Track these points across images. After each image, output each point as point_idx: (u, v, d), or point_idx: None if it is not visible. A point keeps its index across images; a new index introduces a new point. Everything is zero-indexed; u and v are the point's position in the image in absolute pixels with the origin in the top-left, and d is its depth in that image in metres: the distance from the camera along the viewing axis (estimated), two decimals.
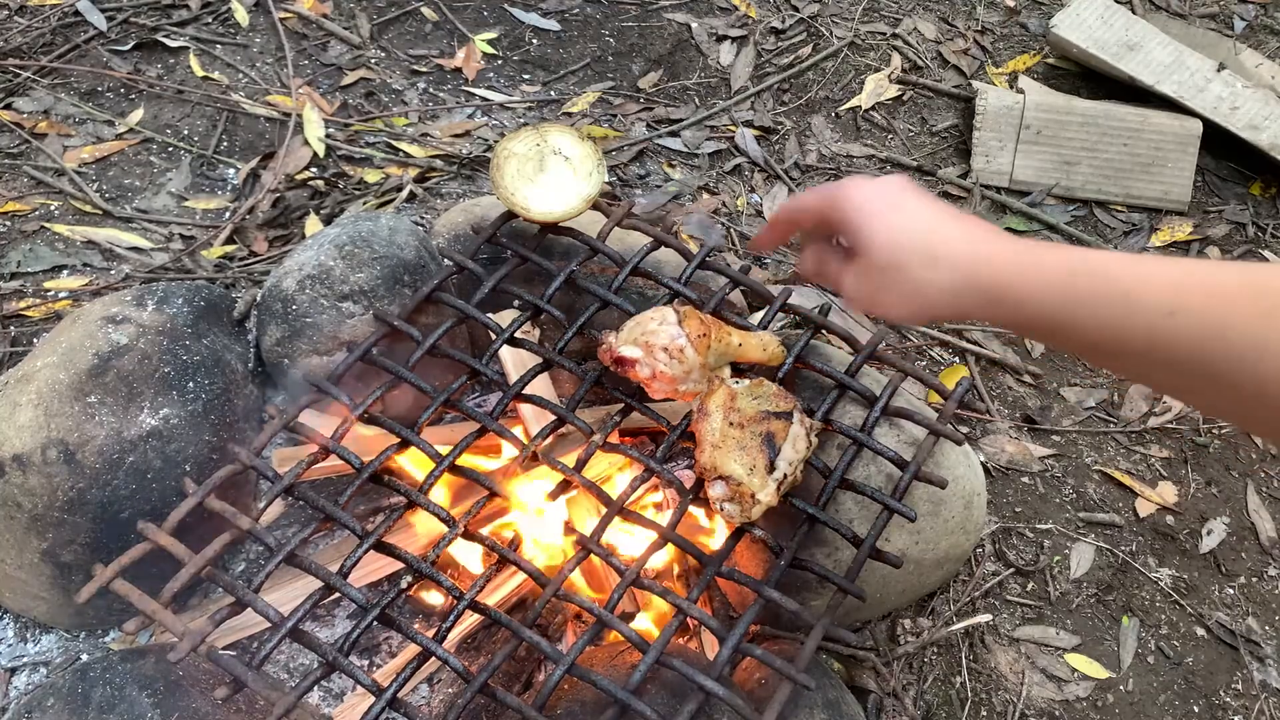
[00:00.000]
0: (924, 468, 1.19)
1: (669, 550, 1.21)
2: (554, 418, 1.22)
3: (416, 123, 2.07)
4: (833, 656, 1.38)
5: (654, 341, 1.13)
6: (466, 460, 1.18)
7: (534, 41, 2.31)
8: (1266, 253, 2.10)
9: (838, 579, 1.11)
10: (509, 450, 1.23)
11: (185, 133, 1.98)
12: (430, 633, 1.06)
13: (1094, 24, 2.27)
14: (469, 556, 1.33)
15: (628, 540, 1.35)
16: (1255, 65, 2.32)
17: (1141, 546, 1.63)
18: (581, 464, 1.17)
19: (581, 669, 1.02)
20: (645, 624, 1.33)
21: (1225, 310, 0.60)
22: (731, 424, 1.10)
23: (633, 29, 2.36)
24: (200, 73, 2.08)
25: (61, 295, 1.66)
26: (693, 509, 1.26)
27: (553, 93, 2.20)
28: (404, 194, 1.87)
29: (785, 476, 1.09)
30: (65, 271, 1.71)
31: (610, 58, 2.30)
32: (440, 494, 1.32)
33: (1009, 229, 2.06)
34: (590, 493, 1.16)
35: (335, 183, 1.91)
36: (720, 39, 2.37)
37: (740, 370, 1.22)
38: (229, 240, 1.78)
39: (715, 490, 1.08)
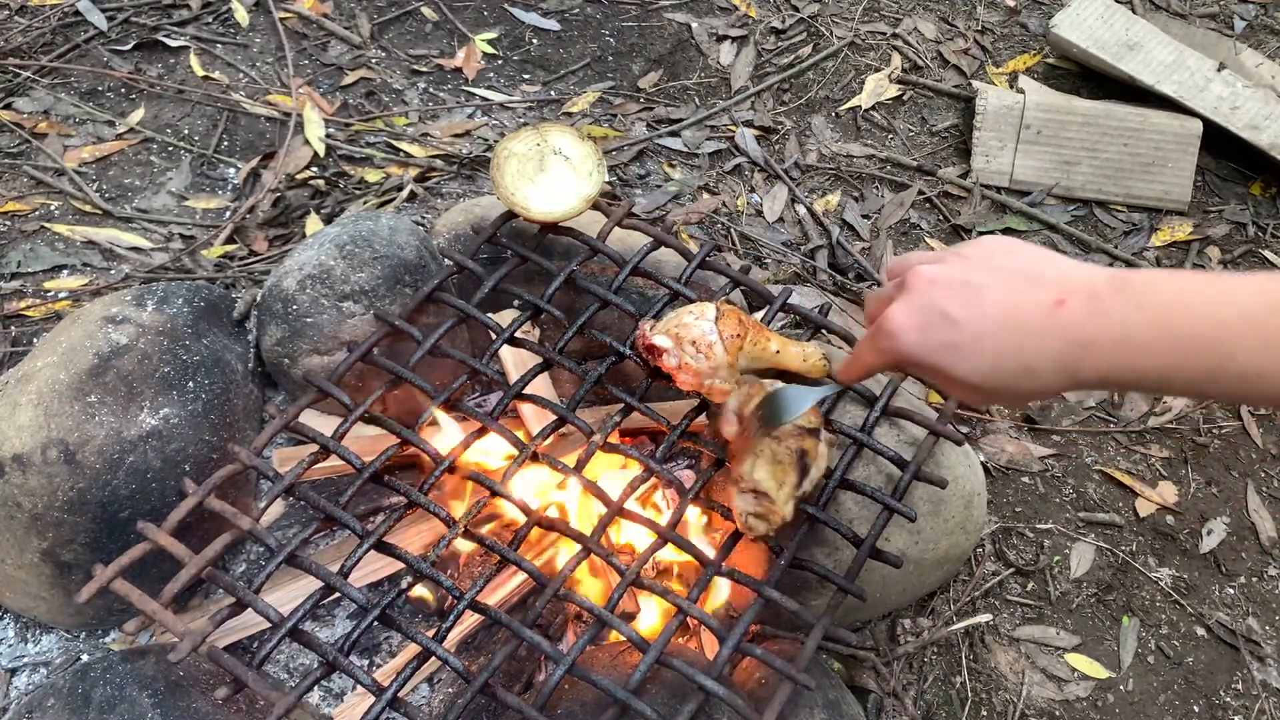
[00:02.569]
0: (924, 468, 1.19)
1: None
2: (554, 418, 1.22)
3: (417, 122, 2.07)
4: (833, 656, 1.38)
5: (685, 335, 1.14)
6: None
7: (534, 41, 2.31)
8: (1267, 252, 2.10)
9: (838, 579, 1.11)
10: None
11: (185, 132, 1.98)
12: (430, 633, 1.06)
13: (1094, 24, 2.27)
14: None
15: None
16: (1255, 65, 2.32)
17: (1141, 546, 1.63)
18: (581, 464, 1.17)
19: (581, 669, 1.02)
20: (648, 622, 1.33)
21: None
22: (771, 436, 1.10)
23: (633, 29, 2.36)
24: (200, 72, 2.08)
25: (61, 295, 1.66)
26: (692, 510, 1.26)
27: (553, 93, 2.20)
28: (404, 194, 1.87)
29: (807, 495, 1.10)
30: (65, 271, 1.71)
31: (610, 58, 2.30)
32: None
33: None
34: (590, 492, 1.16)
35: (336, 182, 1.91)
36: (720, 39, 2.37)
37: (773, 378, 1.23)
38: (229, 240, 1.78)
39: (743, 502, 1.08)
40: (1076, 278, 0.68)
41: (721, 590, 1.34)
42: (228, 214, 1.84)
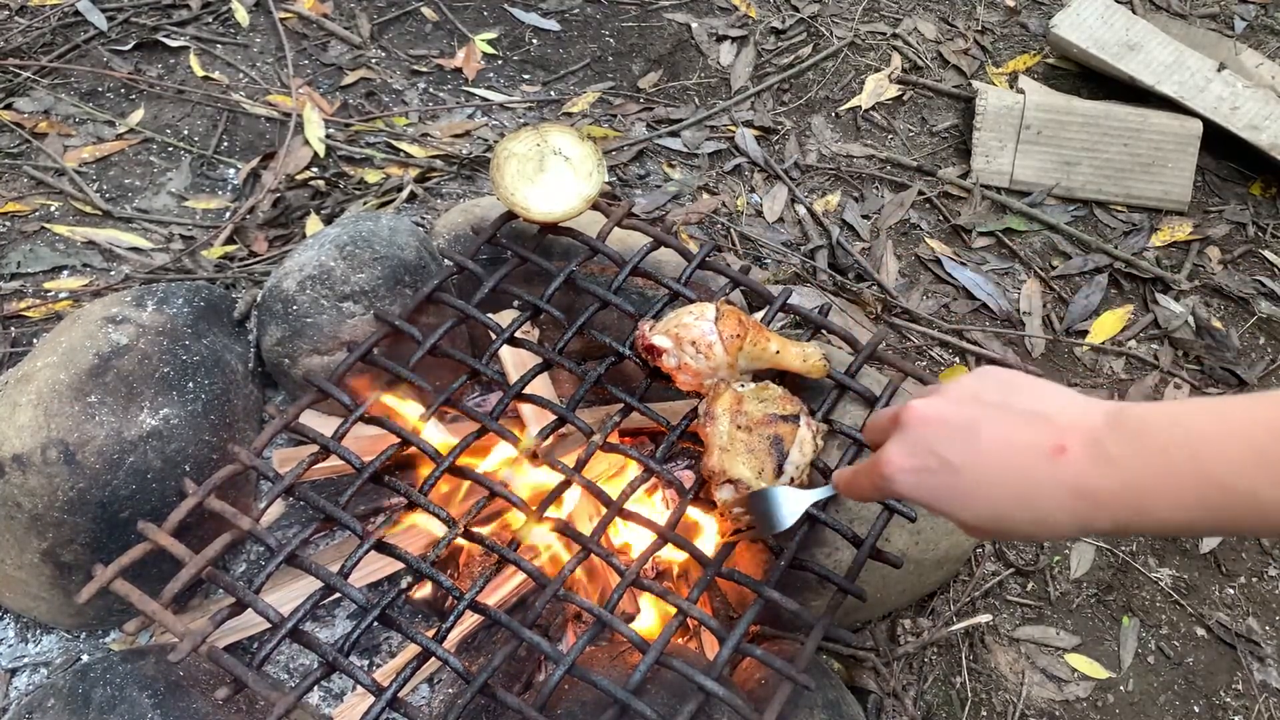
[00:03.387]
0: None
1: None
2: (554, 418, 1.22)
3: (417, 123, 2.07)
4: (833, 656, 1.38)
5: (685, 335, 1.14)
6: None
7: (534, 41, 2.31)
8: (1266, 253, 2.10)
9: (838, 579, 1.11)
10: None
11: (185, 133, 1.98)
12: (430, 633, 1.06)
13: (1094, 24, 2.27)
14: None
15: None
16: (1255, 65, 2.32)
17: (1141, 546, 1.63)
18: (581, 464, 1.18)
19: (581, 669, 1.02)
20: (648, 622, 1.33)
21: None
22: (739, 427, 1.10)
23: (633, 29, 2.36)
24: (200, 73, 2.08)
25: (61, 295, 1.66)
26: (692, 510, 1.26)
27: (553, 93, 2.20)
28: (404, 194, 1.87)
29: (793, 480, 1.09)
30: (65, 272, 1.71)
31: (610, 58, 2.30)
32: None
33: (1009, 229, 2.07)
34: (590, 493, 1.16)
35: (336, 183, 1.91)
36: (720, 39, 2.37)
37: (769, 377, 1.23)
38: (229, 240, 1.78)
39: (724, 494, 1.08)
40: (1072, 417, 0.65)
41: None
42: (228, 214, 1.84)
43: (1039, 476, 0.64)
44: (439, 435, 1.28)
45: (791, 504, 0.97)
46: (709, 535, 1.35)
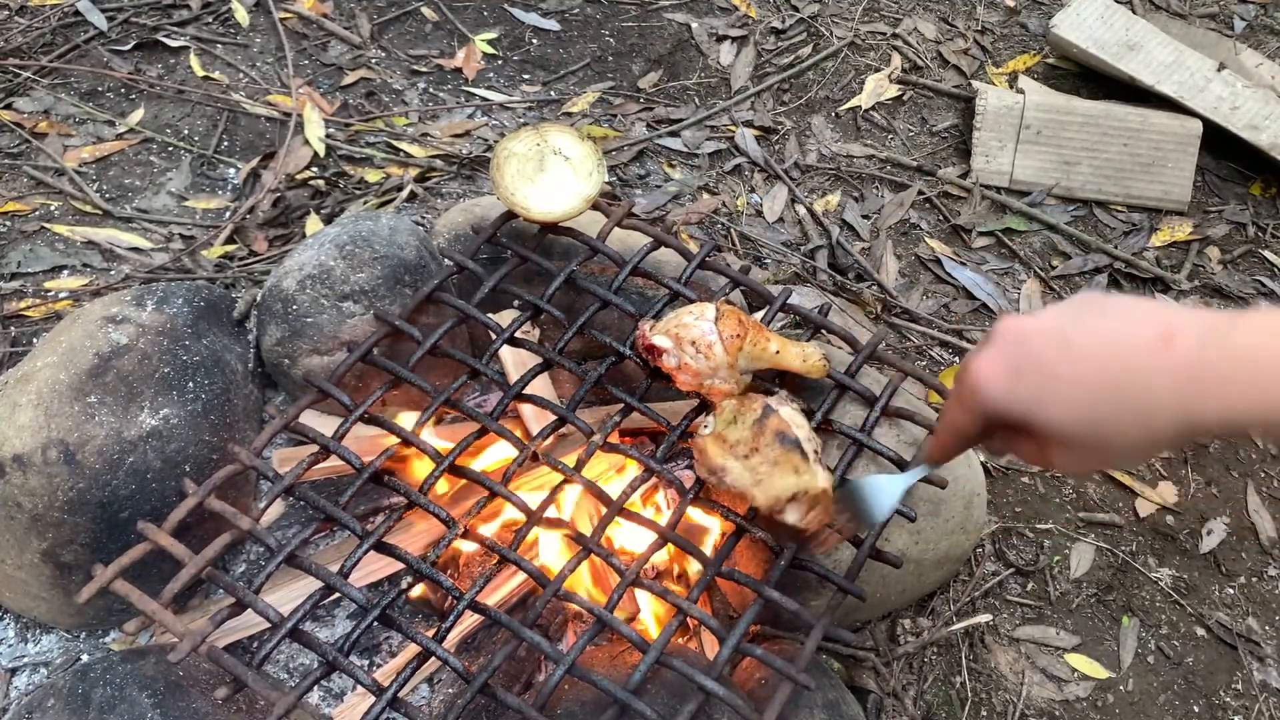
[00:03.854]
0: None
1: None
2: (554, 418, 1.22)
3: (417, 123, 2.07)
4: (833, 656, 1.38)
5: (685, 335, 1.14)
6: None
7: (534, 41, 2.31)
8: (1266, 253, 2.10)
9: (838, 579, 1.11)
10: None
11: (185, 133, 1.98)
12: (430, 633, 1.06)
13: (1094, 24, 2.27)
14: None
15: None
16: (1255, 65, 2.32)
17: (1141, 546, 1.63)
18: (581, 464, 1.17)
19: (581, 669, 1.02)
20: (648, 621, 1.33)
21: None
22: (746, 457, 1.10)
23: (633, 29, 2.36)
24: (200, 72, 2.08)
25: (61, 295, 1.66)
26: (692, 510, 1.26)
27: (553, 93, 2.20)
28: (404, 194, 1.87)
29: (817, 452, 1.10)
30: (65, 271, 1.71)
31: (610, 58, 2.30)
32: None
33: (1009, 229, 2.07)
34: (590, 493, 1.16)
35: (336, 182, 1.91)
36: (720, 39, 2.37)
37: (770, 378, 1.23)
38: (229, 240, 1.78)
39: (793, 515, 1.08)
40: (1185, 317, 0.62)
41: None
42: (228, 214, 1.84)
43: (1145, 365, 0.61)
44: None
45: (886, 492, 0.96)
46: (710, 535, 1.35)
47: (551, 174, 1.34)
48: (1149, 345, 0.61)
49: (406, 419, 1.23)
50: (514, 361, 1.46)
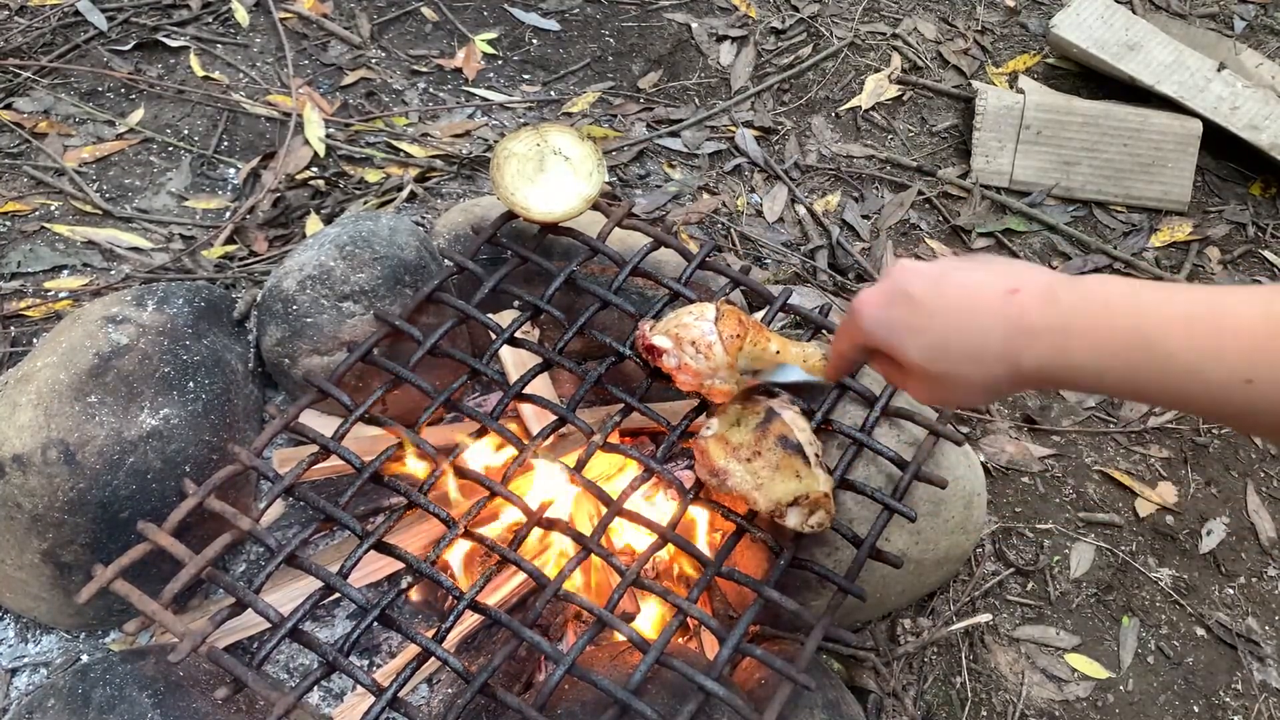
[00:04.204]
0: (924, 468, 1.19)
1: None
2: (554, 418, 1.22)
3: (417, 123, 2.07)
4: (833, 656, 1.38)
5: (684, 335, 1.14)
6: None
7: (534, 41, 2.31)
8: (1266, 253, 2.10)
9: (838, 579, 1.11)
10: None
11: (185, 133, 1.98)
12: (430, 633, 1.06)
13: (1094, 24, 2.27)
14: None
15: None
16: (1255, 65, 2.32)
17: (1141, 546, 1.63)
18: (582, 464, 1.18)
19: (581, 669, 1.02)
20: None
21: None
22: (749, 460, 1.10)
23: (633, 29, 2.36)
24: (200, 72, 2.08)
25: (61, 295, 1.66)
26: (692, 510, 1.26)
27: (553, 93, 2.20)
28: (404, 194, 1.87)
29: (818, 455, 1.10)
30: (65, 271, 1.71)
31: (610, 58, 2.30)
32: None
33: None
34: (590, 493, 1.16)
35: (336, 182, 1.91)
36: (720, 39, 2.37)
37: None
38: (229, 240, 1.78)
39: (794, 519, 1.08)
40: (1039, 275, 0.69)
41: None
42: (228, 214, 1.84)
43: (987, 309, 0.69)
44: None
45: (786, 373, 1.10)
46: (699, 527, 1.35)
47: (551, 174, 1.34)
48: (997, 297, 0.69)
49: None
50: (514, 361, 1.46)
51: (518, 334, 1.29)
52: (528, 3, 2.38)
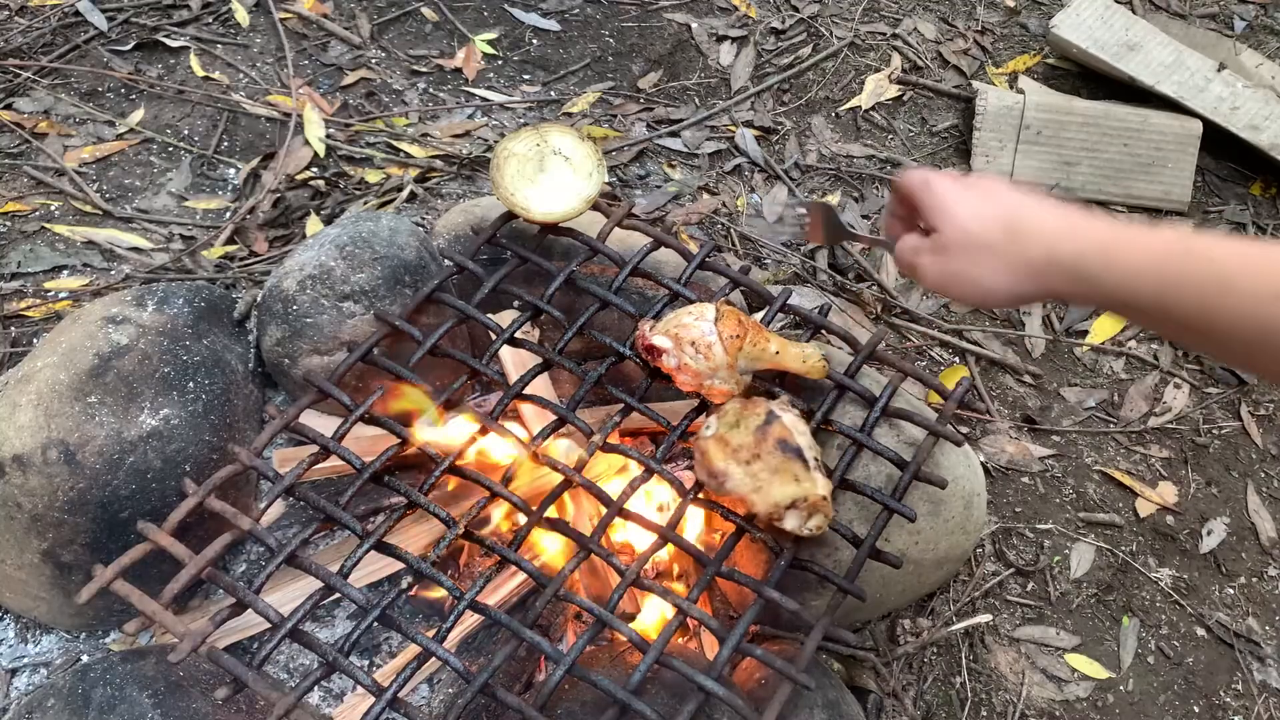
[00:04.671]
0: (924, 468, 1.19)
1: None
2: (554, 418, 1.22)
3: (417, 123, 2.07)
4: (833, 656, 1.38)
5: (684, 335, 1.14)
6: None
7: (534, 41, 2.31)
8: None
9: (838, 579, 1.11)
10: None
11: (185, 133, 1.98)
12: (430, 633, 1.06)
13: (1094, 24, 2.27)
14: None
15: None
16: (1255, 65, 2.32)
17: (1141, 546, 1.63)
18: (582, 464, 1.17)
19: (581, 669, 1.02)
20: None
21: None
22: (748, 463, 1.10)
23: (633, 29, 2.36)
24: (201, 73, 2.08)
25: (61, 295, 1.66)
26: (692, 509, 1.26)
27: (553, 93, 2.20)
28: (404, 194, 1.87)
29: (818, 459, 1.10)
30: (65, 271, 1.71)
31: (610, 58, 2.30)
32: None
33: None
34: (590, 493, 1.16)
35: (336, 183, 1.91)
36: (720, 39, 2.37)
37: (773, 380, 1.23)
38: (229, 240, 1.78)
39: (791, 522, 1.08)
40: (1031, 214, 0.80)
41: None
42: (228, 214, 1.84)
43: (1004, 240, 0.79)
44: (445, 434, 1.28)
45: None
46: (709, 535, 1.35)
47: (551, 174, 1.34)
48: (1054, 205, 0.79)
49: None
50: (514, 361, 1.46)
51: (518, 334, 1.29)
52: (528, 3, 2.38)
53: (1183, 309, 0.65)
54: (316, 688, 1.23)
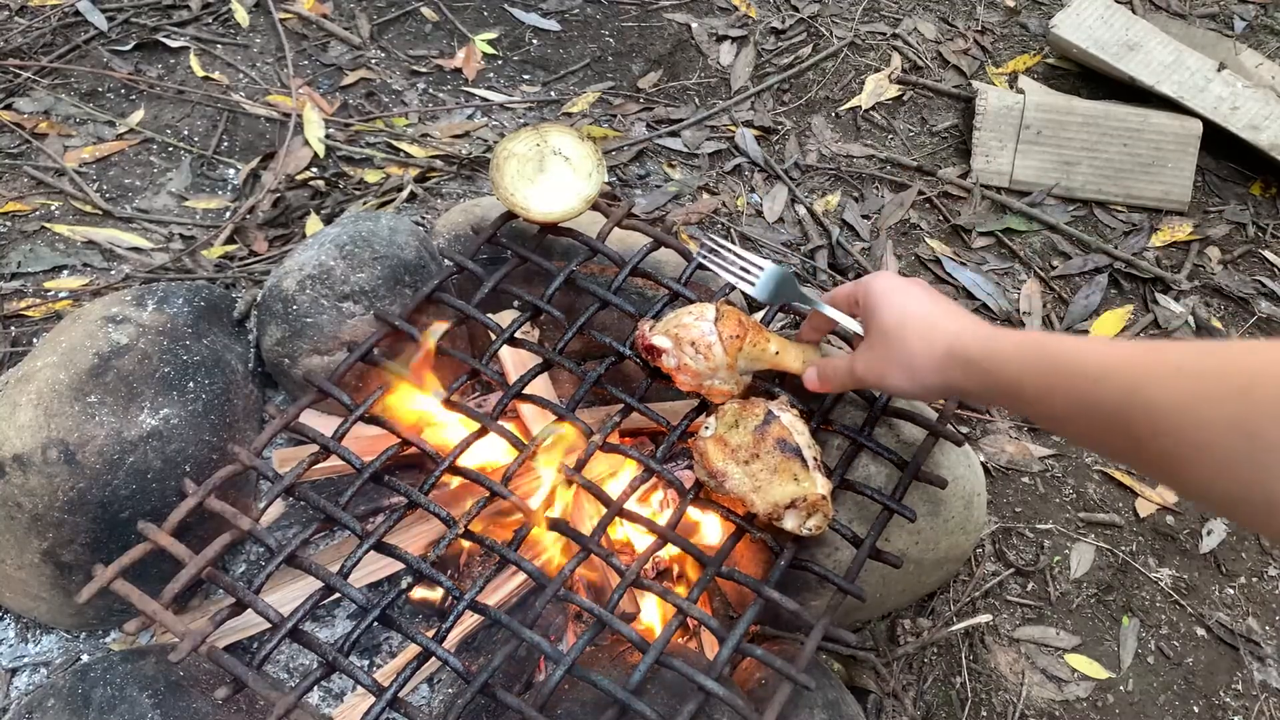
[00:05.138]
0: (924, 468, 1.19)
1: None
2: (554, 418, 1.22)
3: (416, 123, 2.07)
4: (833, 657, 1.38)
5: (684, 335, 1.14)
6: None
7: (534, 41, 2.31)
8: (1266, 253, 2.10)
9: (837, 579, 1.11)
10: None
11: (185, 133, 1.98)
12: (430, 633, 1.06)
13: (1094, 24, 2.27)
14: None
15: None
16: (1255, 65, 2.32)
17: (1141, 546, 1.63)
18: (581, 464, 1.17)
19: (581, 669, 1.02)
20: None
21: (1141, 375, 0.65)
22: (747, 463, 1.10)
23: (633, 29, 2.36)
24: (200, 73, 2.08)
25: (61, 295, 1.66)
26: (692, 510, 1.26)
27: (553, 93, 2.20)
28: (404, 194, 1.87)
29: (817, 459, 1.11)
30: (65, 271, 1.71)
31: (610, 58, 2.30)
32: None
33: (1009, 229, 2.07)
34: (590, 493, 1.16)
35: (335, 183, 1.91)
36: (720, 39, 2.37)
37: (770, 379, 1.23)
38: (229, 240, 1.78)
39: (791, 521, 1.08)
40: (961, 336, 0.91)
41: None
42: (228, 214, 1.84)
43: (943, 321, 0.93)
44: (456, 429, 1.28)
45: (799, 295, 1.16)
46: (709, 535, 1.35)
47: (551, 174, 1.34)
48: (932, 346, 0.92)
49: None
50: (514, 361, 1.46)
51: (518, 334, 1.29)
52: (528, 3, 2.38)
53: (1031, 391, 0.77)
54: (316, 688, 1.23)
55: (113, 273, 1.71)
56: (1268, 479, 0.56)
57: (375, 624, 1.05)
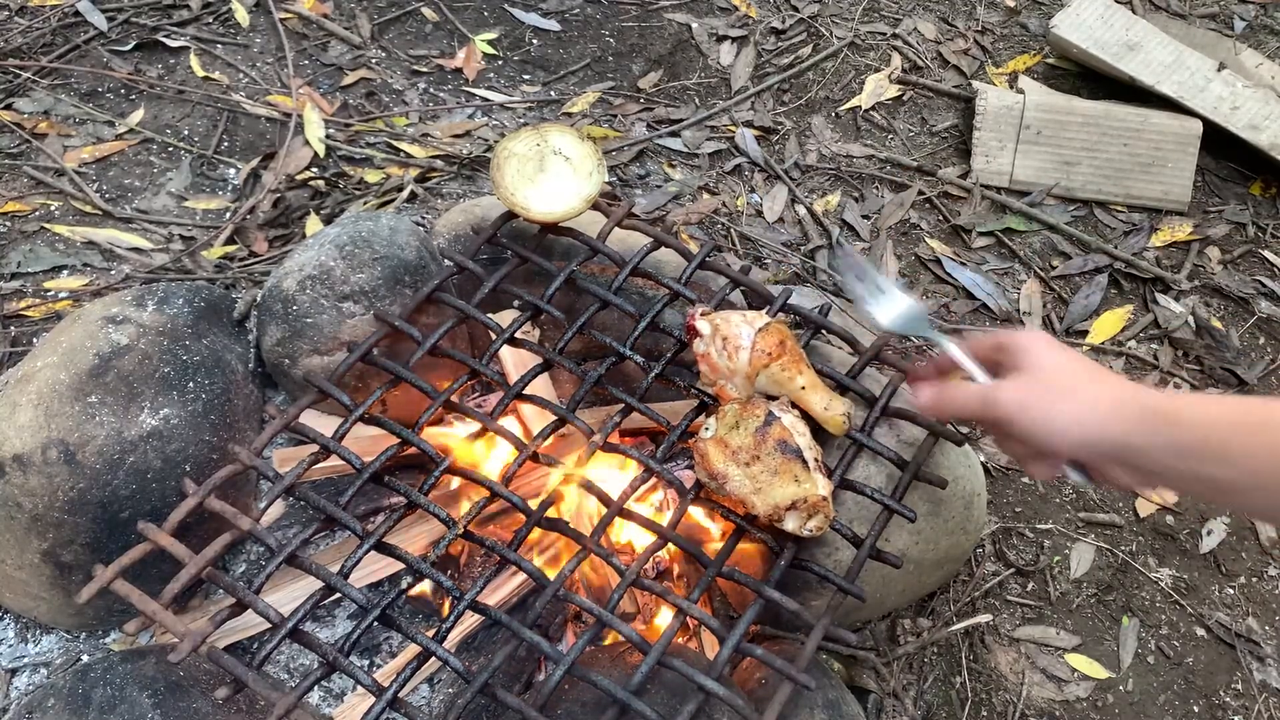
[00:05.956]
0: (924, 468, 1.19)
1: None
2: (554, 418, 1.22)
3: (417, 123, 2.07)
4: (833, 656, 1.38)
5: (723, 328, 1.15)
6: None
7: (534, 41, 2.31)
8: (1266, 253, 2.10)
9: (838, 579, 1.11)
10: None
11: (185, 133, 1.98)
12: (430, 633, 1.06)
13: (1094, 24, 2.27)
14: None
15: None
16: (1255, 65, 2.32)
17: (1141, 546, 1.63)
18: (581, 465, 1.17)
19: (581, 669, 1.02)
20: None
21: None
22: (748, 464, 1.09)
23: (633, 29, 2.36)
24: (201, 73, 2.08)
25: (61, 295, 1.66)
26: (692, 510, 1.26)
27: (553, 93, 2.20)
28: (404, 194, 1.87)
29: (818, 459, 1.11)
30: (65, 271, 1.71)
31: (610, 58, 2.30)
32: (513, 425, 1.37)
33: (1009, 229, 2.07)
34: (590, 493, 1.16)
35: (336, 183, 1.91)
36: (720, 39, 2.37)
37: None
38: (229, 240, 1.78)
39: (792, 523, 1.08)
40: (1123, 406, 0.87)
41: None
42: (228, 214, 1.84)
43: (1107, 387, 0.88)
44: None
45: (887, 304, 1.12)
46: (709, 535, 1.35)
47: (551, 174, 1.34)
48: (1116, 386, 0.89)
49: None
50: (514, 362, 1.46)
51: (518, 334, 1.29)
52: (528, 3, 2.38)
53: (1240, 447, 0.75)
54: (316, 688, 1.23)
55: (113, 273, 1.71)
56: None
57: (375, 624, 1.05)
